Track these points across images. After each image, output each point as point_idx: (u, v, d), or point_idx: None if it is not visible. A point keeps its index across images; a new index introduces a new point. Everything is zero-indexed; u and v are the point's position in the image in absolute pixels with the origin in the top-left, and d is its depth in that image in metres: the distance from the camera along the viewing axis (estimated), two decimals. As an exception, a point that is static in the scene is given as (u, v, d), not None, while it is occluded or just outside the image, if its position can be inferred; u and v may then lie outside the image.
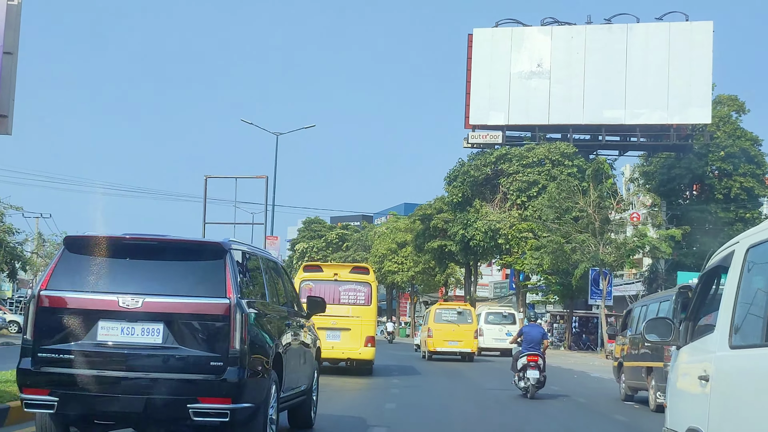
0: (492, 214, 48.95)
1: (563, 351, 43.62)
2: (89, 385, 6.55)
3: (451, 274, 67.46)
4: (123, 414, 6.78)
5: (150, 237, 7.15)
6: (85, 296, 6.70)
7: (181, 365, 6.55)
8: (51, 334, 6.64)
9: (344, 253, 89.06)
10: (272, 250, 40.77)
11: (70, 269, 6.85)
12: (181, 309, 6.63)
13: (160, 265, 6.99)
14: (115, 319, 6.61)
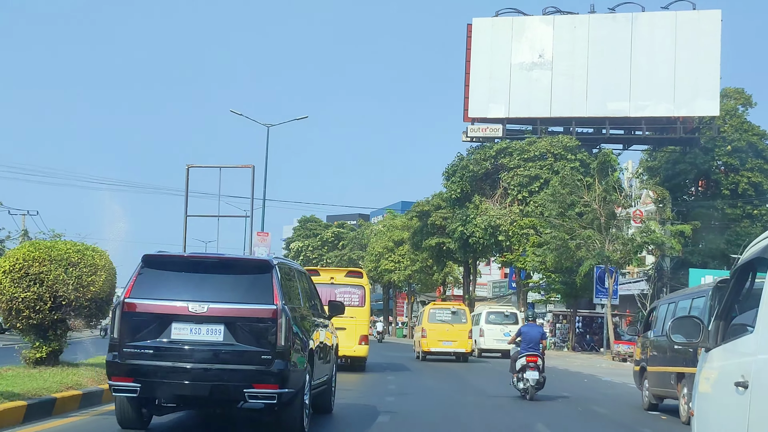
0: (492, 210, 47.21)
1: (566, 352, 41.86)
2: (165, 374, 8.14)
3: (449, 272, 65.70)
4: (192, 398, 8.47)
5: (211, 255, 9.34)
6: (161, 303, 8.30)
7: (238, 358, 8.12)
8: (133, 333, 8.19)
9: (340, 252, 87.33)
10: (263, 247, 38.89)
11: (147, 281, 8.46)
12: (238, 313, 8.20)
13: (219, 278, 8.56)
14: (185, 322, 8.18)
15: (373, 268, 72.86)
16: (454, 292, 77.30)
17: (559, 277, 40.82)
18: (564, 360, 34.13)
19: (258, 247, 39.65)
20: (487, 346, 33.97)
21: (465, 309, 30.05)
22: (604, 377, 23.93)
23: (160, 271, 8.64)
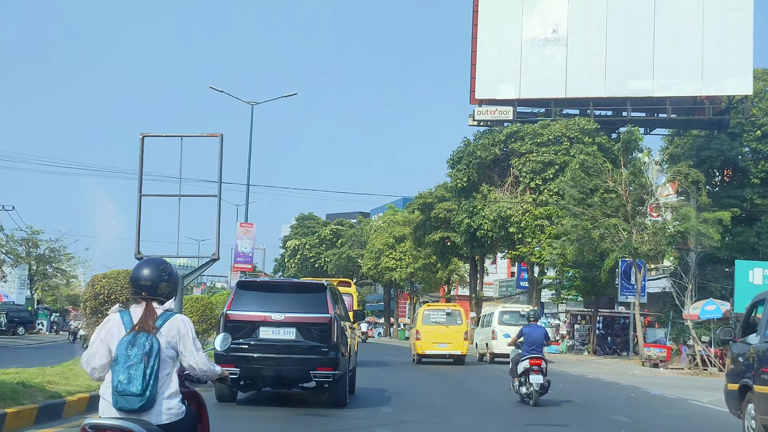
0: (502, 199, 42.90)
1: (587, 356, 37.56)
2: (256, 362, 12.09)
3: (454, 270, 61.34)
4: (274, 378, 12.40)
5: (284, 280, 15.46)
6: (252, 313, 12.25)
7: (306, 350, 12.07)
8: (233, 334, 10.72)
9: (338, 250, 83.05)
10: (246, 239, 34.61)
11: (241, 299, 12.47)
12: (305, 320, 12.17)
13: (291, 296, 12.65)
14: (268, 326, 12.15)
15: (373, 266, 68.64)
16: (458, 292, 73.07)
17: (578, 272, 36.48)
18: (589, 366, 29.86)
19: (241, 240, 35.49)
20: (501, 350, 29.68)
21: (460, 310, 28.85)
22: (651, 389, 19.62)
23: (249, 291, 12.79)
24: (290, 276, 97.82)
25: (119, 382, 4.33)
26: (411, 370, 24.33)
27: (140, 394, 4.29)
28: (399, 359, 30.17)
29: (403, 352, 40.62)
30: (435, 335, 27.16)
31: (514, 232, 41.99)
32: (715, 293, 36.74)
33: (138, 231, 20.18)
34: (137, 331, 4.43)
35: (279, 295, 12.67)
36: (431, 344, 27.18)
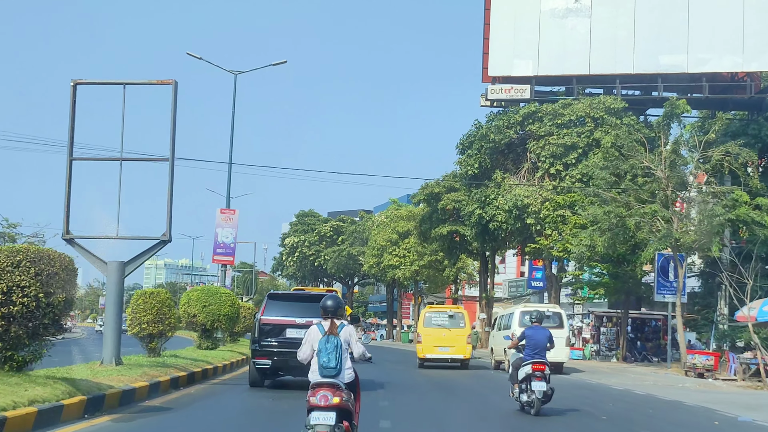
0: (518, 187, 38.38)
1: (617, 363, 33.01)
2: (283, 356, 15.53)
3: (462, 268, 56.80)
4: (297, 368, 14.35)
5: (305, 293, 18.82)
6: (280, 318, 15.96)
7: None
8: (266, 335, 15.88)
9: (338, 248, 78.58)
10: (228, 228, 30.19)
11: (271, 306, 16.25)
12: None
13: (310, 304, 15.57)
14: (293, 328, 15.68)
15: (375, 264, 64.14)
16: (465, 292, 68.60)
17: (608, 267, 31.91)
18: (626, 376, 25.36)
19: (222, 228, 31.15)
20: (523, 356, 25.21)
21: (463, 312, 27.64)
22: (726, 410, 15.05)
23: (278, 301, 16.73)
24: (288, 275, 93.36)
25: (323, 361, 7.54)
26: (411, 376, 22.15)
27: (335, 368, 7.52)
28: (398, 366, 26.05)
29: (405, 356, 36.75)
30: (437, 338, 26.26)
31: (531, 224, 37.47)
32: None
33: (67, 206, 15.79)
34: (328, 334, 7.67)
35: (300, 304, 16.43)
36: (433, 348, 26.35)
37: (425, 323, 26.98)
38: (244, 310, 33.76)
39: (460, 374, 23.97)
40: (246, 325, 34.12)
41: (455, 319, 26.74)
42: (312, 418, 7.34)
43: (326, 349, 7.49)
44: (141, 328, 18.59)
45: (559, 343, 25.47)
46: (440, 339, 26.26)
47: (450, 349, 26.18)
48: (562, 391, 17.02)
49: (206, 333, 25.92)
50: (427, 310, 28.68)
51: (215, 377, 19.13)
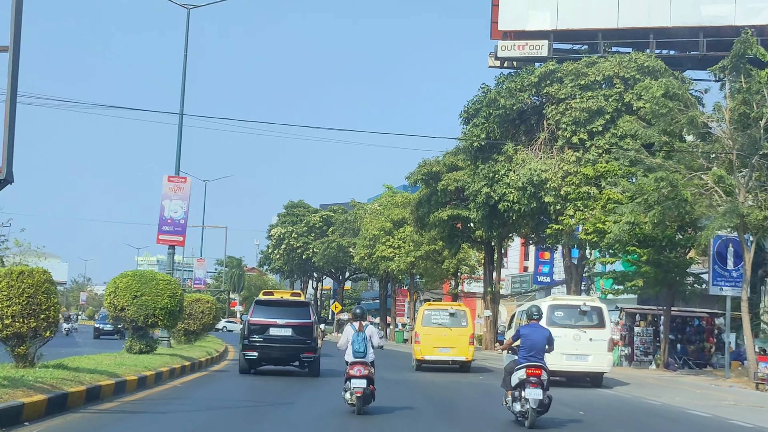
0: (533, 161, 32.36)
1: (658, 372, 26.94)
2: (267, 349, 19.49)
3: (463, 260, 50.66)
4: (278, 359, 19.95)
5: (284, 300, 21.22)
6: (265, 319, 19.71)
7: (298, 342, 19.53)
8: (253, 332, 19.48)
9: (327, 239, 72.46)
10: (177, 200, 23.74)
11: (258, 310, 20.11)
12: (297, 323, 19.63)
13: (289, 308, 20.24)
14: (275, 327, 19.59)
15: (367, 256, 58.03)
16: (464, 288, 62.42)
17: (647, 253, 25.73)
18: (684, 391, 19.37)
19: (170, 200, 24.72)
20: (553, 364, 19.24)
21: (465, 310, 25.96)
22: None
23: (264, 306, 20.31)
24: (275, 269, 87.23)
25: (356, 348, 12.12)
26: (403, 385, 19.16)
27: (363, 352, 12.07)
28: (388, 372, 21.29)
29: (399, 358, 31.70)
30: (436, 338, 24.64)
31: (550, 203, 31.43)
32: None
33: None
34: (358, 331, 12.18)
35: (280, 308, 20.46)
36: (432, 349, 24.69)
37: (424, 322, 25.18)
38: (201, 304, 27.69)
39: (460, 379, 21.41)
40: (204, 322, 28.06)
41: (457, 318, 24.89)
42: (352, 383, 12.07)
43: (357, 340, 12.32)
44: (3, 325, 12.54)
45: (599, 347, 19.48)
46: (440, 339, 24.57)
47: (451, 350, 24.52)
48: (605, 413, 13.85)
49: (138, 332, 19.89)
50: (426, 307, 26.64)
51: (119, 396, 13.08)
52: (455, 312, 25.15)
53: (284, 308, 20.25)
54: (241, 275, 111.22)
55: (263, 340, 19.55)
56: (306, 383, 17.92)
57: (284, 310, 20.14)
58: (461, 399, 16.16)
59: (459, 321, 24.79)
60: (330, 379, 18.29)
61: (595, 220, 27.00)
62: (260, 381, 18.12)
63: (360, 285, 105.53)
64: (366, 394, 12.02)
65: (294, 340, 19.61)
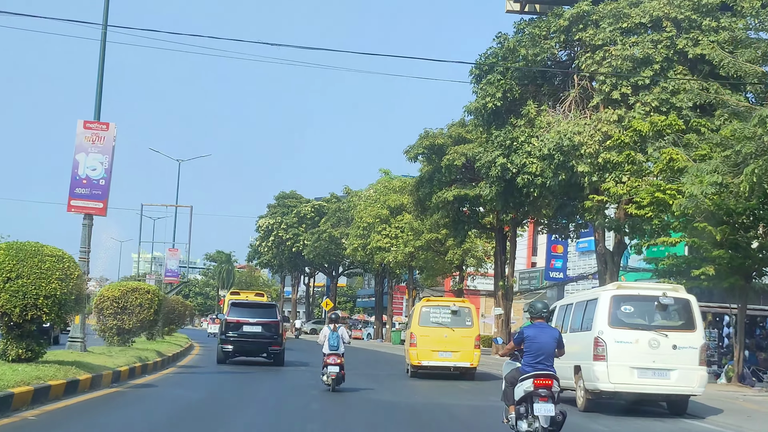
0: (562, 123, 26.18)
1: (731, 387, 20.67)
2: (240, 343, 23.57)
3: (470, 250, 44.43)
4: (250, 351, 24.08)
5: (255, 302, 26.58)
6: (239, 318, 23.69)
7: (266, 337, 23.59)
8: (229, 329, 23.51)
9: (319, 229, 66.26)
10: (95, 153, 17.35)
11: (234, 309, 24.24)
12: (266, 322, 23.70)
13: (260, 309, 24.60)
14: (248, 325, 23.53)
15: (360, 247, 51.85)
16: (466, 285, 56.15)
17: (722, 231, 19.40)
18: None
19: (86, 154, 17.57)
20: (616, 382, 13.25)
21: (470, 307, 22.61)
22: None
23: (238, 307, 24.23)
24: (264, 263, 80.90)
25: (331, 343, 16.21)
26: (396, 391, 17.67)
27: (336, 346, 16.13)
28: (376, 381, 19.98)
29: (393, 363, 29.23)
30: (436, 340, 21.80)
31: (584, 173, 25.20)
32: None
33: None
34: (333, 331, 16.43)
35: (252, 309, 24.48)
36: (430, 353, 21.80)
37: (421, 321, 22.15)
38: (138, 295, 21.31)
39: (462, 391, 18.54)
40: (143, 318, 21.61)
41: (460, 316, 22.03)
42: (328, 369, 15.88)
43: (332, 338, 16.31)
44: None
45: (687, 358, 13.27)
46: (441, 341, 21.68)
47: (453, 354, 21.74)
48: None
49: (15, 330, 13.69)
50: (423, 303, 23.10)
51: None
52: (458, 309, 22.08)
53: (255, 309, 24.60)
54: (231, 271, 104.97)
55: (238, 336, 23.54)
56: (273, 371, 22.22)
57: (255, 310, 24.41)
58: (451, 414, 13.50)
59: (463, 320, 21.97)
60: (292, 368, 23.71)
61: (653, 188, 20.68)
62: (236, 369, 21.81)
63: (356, 282, 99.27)
64: (338, 377, 16.13)
65: (263, 336, 23.66)
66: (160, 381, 16.93)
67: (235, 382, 18.06)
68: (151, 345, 24.94)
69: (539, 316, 9.56)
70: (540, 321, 9.58)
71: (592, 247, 52.21)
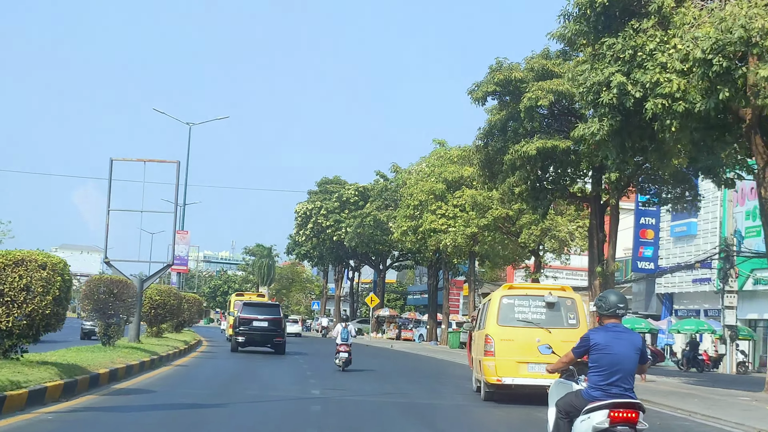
0: (726, 5, 16.70)
1: None
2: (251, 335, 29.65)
3: (550, 229, 34.88)
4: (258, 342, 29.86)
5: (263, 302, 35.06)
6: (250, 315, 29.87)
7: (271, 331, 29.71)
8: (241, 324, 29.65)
9: (362, 212, 57.27)
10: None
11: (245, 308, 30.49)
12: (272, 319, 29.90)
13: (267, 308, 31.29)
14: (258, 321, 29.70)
15: (411, 230, 42.73)
16: (531, 277, 46.47)
17: None
18: None
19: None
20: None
21: (574, 298, 15.33)
22: None
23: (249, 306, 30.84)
24: (302, 254, 72.27)
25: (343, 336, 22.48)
26: None
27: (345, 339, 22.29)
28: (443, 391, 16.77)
29: (447, 377, 22.95)
30: (524, 347, 14.16)
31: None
32: None
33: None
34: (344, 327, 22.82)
35: (260, 308, 30.63)
36: (516, 365, 14.50)
37: (501, 318, 14.95)
38: (24, 271, 12.51)
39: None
40: (33, 309, 12.91)
41: (559, 311, 14.85)
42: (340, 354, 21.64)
43: (343, 332, 22.17)
44: None
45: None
46: (532, 349, 12.89)
47: None
48: None
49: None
50: (504, 292, 15.62)
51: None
52: (557, 301, 15.08)
53: (263, 308, 31.05)
54: (272, 266, 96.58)
55: (249, 329, 29.30)
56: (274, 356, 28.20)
57: (263, 309, 30.75)
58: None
59: (563, 316, 15.02)
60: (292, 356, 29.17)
61: None
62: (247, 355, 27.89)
63: (406, 277, 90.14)
64: (347, 360, 21.80)
65: (269, 330, 29.42)
66: None
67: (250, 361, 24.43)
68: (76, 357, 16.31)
69: (613, 313, 6.93)
70: (614, 321, 6.97)
71: (692, 230, 42.90)
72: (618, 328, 6.91)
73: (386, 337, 60.93)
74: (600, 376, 6.77)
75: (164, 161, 23.59)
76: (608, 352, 6.78)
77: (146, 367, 18.00)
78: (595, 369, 6.81)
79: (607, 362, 6.76)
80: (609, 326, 6.94)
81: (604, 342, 6.81)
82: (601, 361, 6.78)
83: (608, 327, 6.94)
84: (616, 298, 7.06)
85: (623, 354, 6.78)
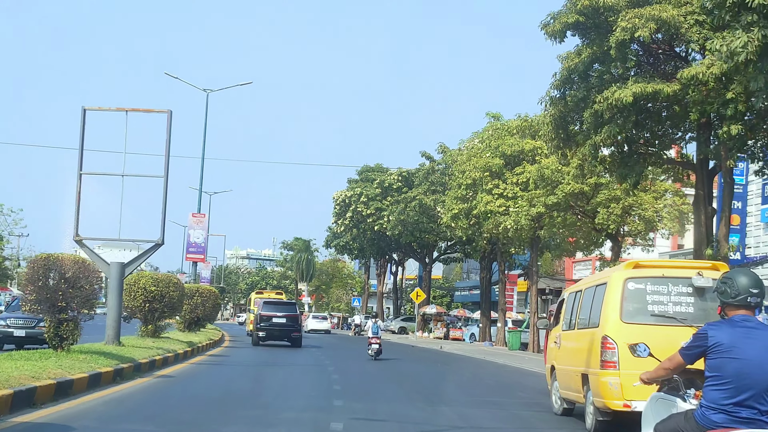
0: None
1: None
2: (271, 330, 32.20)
3: (635, 206, 28.86)
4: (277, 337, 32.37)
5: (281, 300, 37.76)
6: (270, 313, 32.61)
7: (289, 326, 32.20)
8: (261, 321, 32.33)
9: (407, 196, 51.72)
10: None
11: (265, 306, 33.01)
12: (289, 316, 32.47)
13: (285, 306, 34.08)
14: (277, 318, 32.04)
15: (462, 213, 37.12)
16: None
17: None
18: None
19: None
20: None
21: None
22: None
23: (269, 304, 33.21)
24: (341, 246, 66.95)
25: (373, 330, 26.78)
26: None
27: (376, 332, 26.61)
28: None
29: (521, 385, 18.35)
30: (666, 356, 5.77)
31: None
32: None
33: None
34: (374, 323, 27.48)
35: (279, 305, 33.25)
36: None
37: (627, 311, 10.14)
38: None
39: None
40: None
41: (714, 301, 7.75)
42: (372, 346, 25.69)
43: (374, 327, 26.42)
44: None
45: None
46: None
47: None
48: None
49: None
50: (629, 274, 10.29)
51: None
52: (706, 286, 9.89)
53: (281, 305, 33.66)
54: (311, 260, 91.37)
55: (269, 325, 31.73)
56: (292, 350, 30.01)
57: (281, 306, 33.36)
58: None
59: None
60: (309, 349, 31.43)
61: None
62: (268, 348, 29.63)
63: (453, 272, 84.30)
64: (378, 350, 25.59)
65: (287, 325, 31.77)
66: None
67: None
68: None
69: (744, 302, 5.03)
70: (745, 313, 5.06)
71: None
72: (750, 322, 5.01)
73: (433, 336, 55.33)
74: (723, 392, 4.90)
75: (151, 110, 18.52)
76: (735, 357, 4.90)
77: (103, 382, 12.71)
78: (716, 381, 4.94)
79: (733, 371, 4.88)
80: (736, 319, 5.03)
81: (730, 342, 4.91)
82: (724, 369, 4.90)
83: (735, 321, 5.03)
84: (748, 280, 5.08)
85: (759, 360, 4.84)
